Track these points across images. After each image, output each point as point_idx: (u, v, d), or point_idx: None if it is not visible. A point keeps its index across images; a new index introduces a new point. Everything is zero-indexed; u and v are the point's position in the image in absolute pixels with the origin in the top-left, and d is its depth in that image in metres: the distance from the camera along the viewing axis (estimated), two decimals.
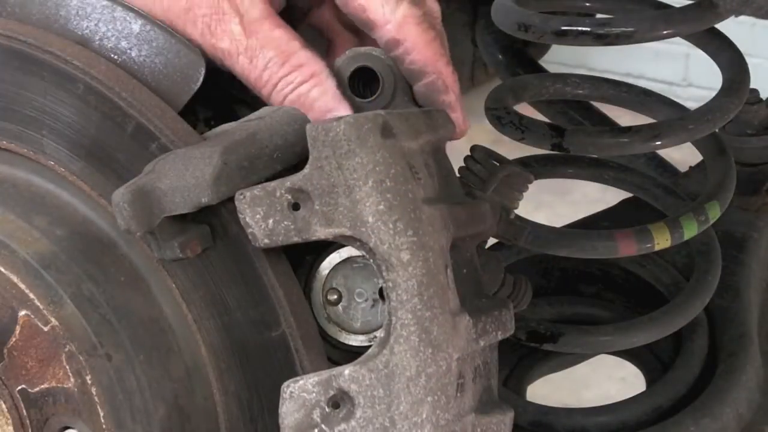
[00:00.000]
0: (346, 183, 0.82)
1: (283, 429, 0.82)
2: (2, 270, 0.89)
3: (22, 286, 0.88)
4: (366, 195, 0.82)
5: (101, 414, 0.87)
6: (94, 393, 0.87)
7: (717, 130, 1.33)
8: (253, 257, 0.86)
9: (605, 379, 2.67)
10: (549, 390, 0.88)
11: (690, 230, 1.26)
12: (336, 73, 0.92)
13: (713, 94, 1.31)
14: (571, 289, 1.48)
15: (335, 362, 0.87)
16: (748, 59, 1.34)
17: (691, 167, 1.53)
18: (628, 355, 1.44)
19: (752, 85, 1.37)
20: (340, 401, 0.82)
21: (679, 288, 1.38)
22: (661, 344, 1.36)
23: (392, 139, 0.84)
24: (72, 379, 0.88)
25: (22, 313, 0.88)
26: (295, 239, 0.83)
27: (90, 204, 0.92)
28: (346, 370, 0.82)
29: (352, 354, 0.85)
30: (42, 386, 0.88)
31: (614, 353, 1.41)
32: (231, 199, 0.85)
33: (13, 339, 0.88)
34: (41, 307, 0.88)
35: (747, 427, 1.33)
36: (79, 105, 0.90)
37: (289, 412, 0.82)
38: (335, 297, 0.86)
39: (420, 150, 0.86)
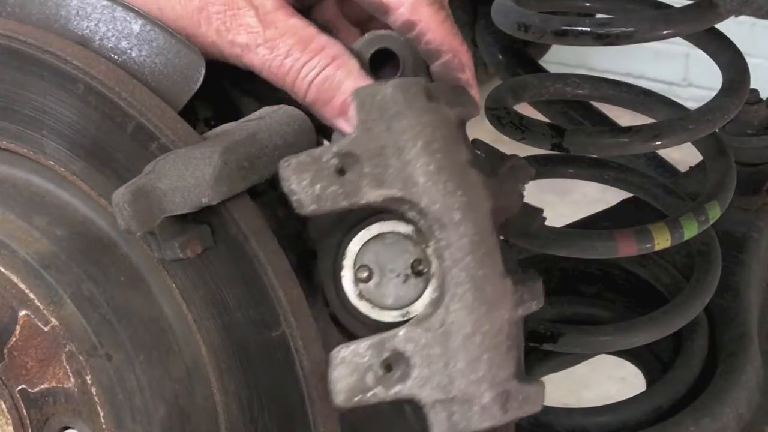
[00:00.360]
0: (396, 144, 0.82)
1: (336, 395, 0.82)
2: (2, 270, 0.89)
3: (22, 286, 0.88)
4: (416, 156, 0.82)
5: (101, 414, 0.87)
6: (94, 393, 0.87)
7: (717, 130, 1.33)
8: (252, 257, 0.86)
9: (605, 379, 2.67)
10: (549, 390, 0.88)
11: (690, 230, 1.26)
12: (356, 56, 0.92)
13: (713, 94, 1.31)
14: (571, 289, 1.48)
15: None
16: (748, 59, 1.34)
17: (691, 167, 1.53)
18: (628, 355, 1.44)
19: (752, 85, 1.37)
20: (393, 363, 0.82)
21: (679, 288, 1.38)
22: (661, 344, 1.36)
23: (436, 103, 0.84)
24: (72, 379, 0.88)
25: (22, 313, 0.88)
26: (344, 204, 0.83)
27: (90, 204, 0.92)
28: (401, 331, 0.82)
29: (384, 331, 0.85)
30: (42, 386, 0.89)
31: (614, 353, 1.41)
32: (231, 199, 0.85)
33: (13, 339, 0.88)
34: (41, 307, 0.88)
35: (747, 427, 1.33)
36: (79, 105, 0.90)
37: (341, 376, 0.82)
38: (366, 274, 0.86)
39: (455, 119, 0.86)
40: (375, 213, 0.85)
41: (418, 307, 0.84)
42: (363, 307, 0.86)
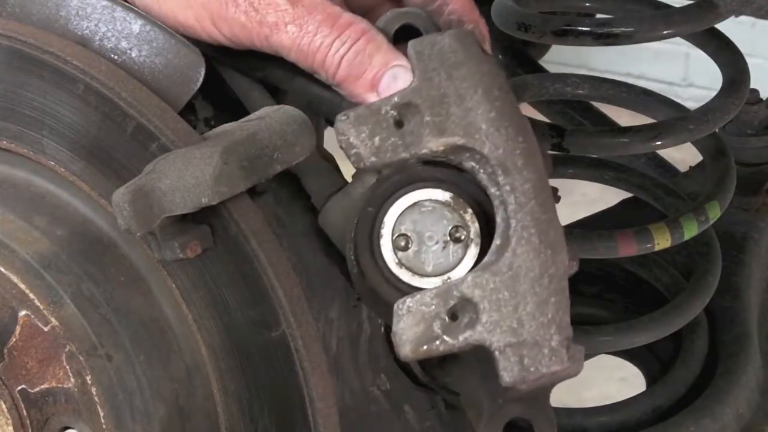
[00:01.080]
0: (457, 92, 0.83)
1: (402, 345, 0.82)
2: (2, 270, 0.89)
3: (22, 286, 0.88)
4: (477, 103, 0.83)
5: (101, 414, 0.87)
6: (94, 393, 0.87)
7: (717, 130, 1.33)
8: (252, 257, 0.86)
9: (605, 379, 2.67)
10: None
11: (690, 230, 1.26)
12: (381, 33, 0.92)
13: (713, 94, 1.31)
14: (572, 290, 1.48)
15: None
16: (748, 59, 1.34)
17: (691, 167, 1.53)
18: (628, 355, 1.44)
19: (752, 85, 1.37)
20: (459, 311, 0.82)
21: (679, 288, 1.38)
22: (661, 344, 1.36)
23: (488, 54, 0.86)
24: (72, 379, 0.87)
25: (22, 313, 0.88)
26: (404, 155, 0.83)
27: (90, 204, 0.92)
28: (468, 277, 0.82)
29: None
30: (42, 386, 0.88)
31: (614, 353, 1.41)
32: (231, 199, 0.85)
33: (14, 339, 0.88)
34: (41, 307, 0.88)
35: (747, 427, 1.33)
36: (79, 105, 0.90)
37: (407, 327, 0.82)
38: (404, 243, 0.86)
39: None
40: (411, 182, 0.86)
41: (459, 273, 0.84)
42: (403, 275, 0.86)
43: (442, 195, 0.85)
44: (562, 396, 1.01)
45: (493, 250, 0.83)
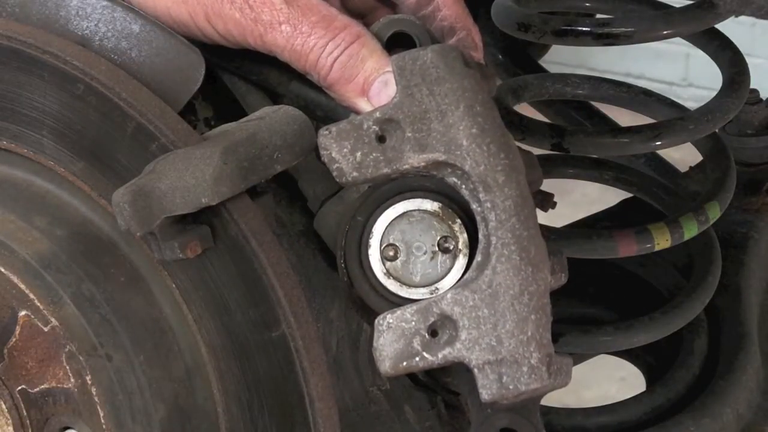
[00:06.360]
0: (439, 108, 0.83)
1: (382, 361, 0.82)
2: (2, 270, 0.89)
3: (22, 287, 0.88)
4: (459, 119, 0.83)
5: (101, 414, 0.87)
6: (94, 393, 0.87)
7: (717, 130, 1.33)
8: (252, 257, 0.86)
9: (605, 379, 2.67)
10: None
11: (690, 230, 1.26)
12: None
13: (713, 94, 1.31)
14: (572, 290, 1.48)
15: None
16: (748, 59, 1.34)
17: (691, 167, 1.53)
18: (628, 355, 1.44)
19: (752, 85, 1.37)
20: (439, 328, 0.82)
21: (679, 288, 1.38)
22: (661, 344, 1.36)
23: (472, 69, 0.86)
24: (72, 380, 0.88)
25: (22, 313, 0.88)
26: (385, 170, 0.83)
27: (90, 204, 0.92)
28: (448, 294, 0.82)
29: None
30: (42, 386, 0.89)
31: (614, 353, 1.41)
32: (231, 199, 0.85)
33: (14, 339, 0.88)
34: (41, 307, 0.88)
35: (747, 427, 1.33)
36: (79, 105, 0.90)
37: (387, 343, 0.82)
38: (392, 253, 0.86)
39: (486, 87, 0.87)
40: (400, 192, 0.86)
41: (447, 284, 0.85)
42: (391, 285, 0.86)
43: (431, 205, 0.86)
44: (562, 396, 1.01)
45: (474, 267, 0.83)
